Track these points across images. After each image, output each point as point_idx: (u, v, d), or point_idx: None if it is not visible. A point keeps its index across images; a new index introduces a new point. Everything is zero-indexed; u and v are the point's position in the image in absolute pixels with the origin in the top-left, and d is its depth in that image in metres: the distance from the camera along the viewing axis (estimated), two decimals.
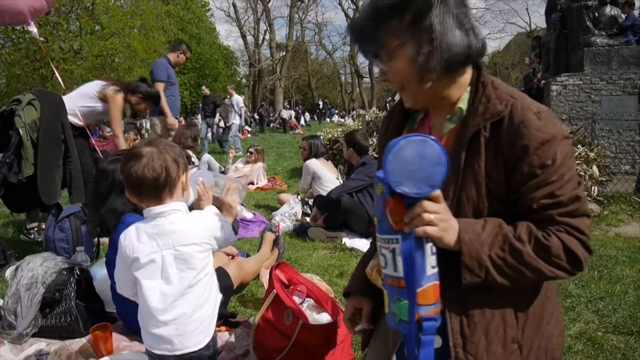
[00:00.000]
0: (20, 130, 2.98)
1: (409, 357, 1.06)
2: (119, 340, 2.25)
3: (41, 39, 3.94)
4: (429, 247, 1.03)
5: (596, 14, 8.62)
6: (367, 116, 7.09)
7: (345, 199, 4.26)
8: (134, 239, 1.46)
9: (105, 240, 3.76)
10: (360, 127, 6.93)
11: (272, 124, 23.63)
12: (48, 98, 3.19)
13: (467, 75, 1.17)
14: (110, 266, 2.33)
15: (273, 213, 5.17)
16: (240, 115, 13.43)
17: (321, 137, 5.76)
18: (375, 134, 6.62)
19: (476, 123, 1.10)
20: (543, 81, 6.80)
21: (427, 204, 1.01)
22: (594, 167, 5.65)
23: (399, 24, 1.09)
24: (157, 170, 1.42)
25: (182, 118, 24.19)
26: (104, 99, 3.82)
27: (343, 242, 4.23)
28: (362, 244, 4.19)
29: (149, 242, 1.45)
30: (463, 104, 1.16)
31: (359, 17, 1.16)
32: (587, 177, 5.55)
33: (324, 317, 2.08)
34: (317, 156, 5.27)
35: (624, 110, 7.70)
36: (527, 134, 1.04)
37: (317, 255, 3.90)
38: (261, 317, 2.14)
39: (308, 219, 4.97)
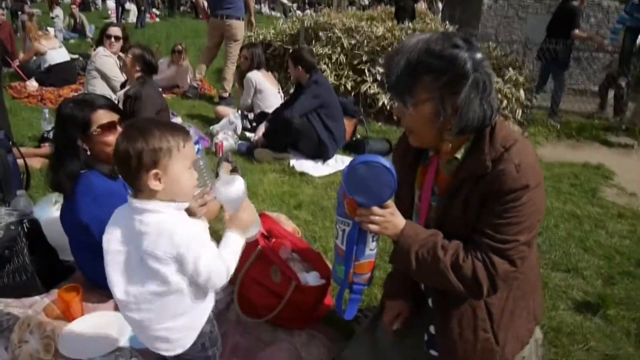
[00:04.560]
0: None
1: (336, 304, 1.51)
2: (84, 300, 2.08)
3: None
4: (370, 236, 1.36)
5: None
6: (305, 21, 6.65)
7: (296, 120, 4.10)
8: (116, 216, 1.34)
9: (34, 164, 3.36)
10: (297, 31, 6.52)
11: (182, 7, 21.53)
12: None
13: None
14: (66, 224, 2.09)
15: (211, 127, 4.87)
16: None
17: (260, 46, 5.35)
18: (313, 41, 6.30)
19: (466, 173, 1.33)
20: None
21: (375, 209, 1.30)
22: (521, 91, 5.95)
23: (432, 82, 1.24)
24: (119, 155, 1.24)
25: None
26: None
27: (291, 165, 4.17)
28: (311, 167, 4.16)
29: (121, 230, 1.30)
30: (460, 154, 1.36)
31: (399, 57, 1.27)
32: (513, 100, 5.85)
33: (314, 277, 2.07)
34: (258, 67, 4.95)
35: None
36: (503, 182, 1.25)
37: (268, 180, 3.82)
38: (246, 273, 2.08)
39: (247, 134, 4.78)
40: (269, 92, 4.98)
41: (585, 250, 3.02)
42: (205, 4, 6.12)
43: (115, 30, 4.62)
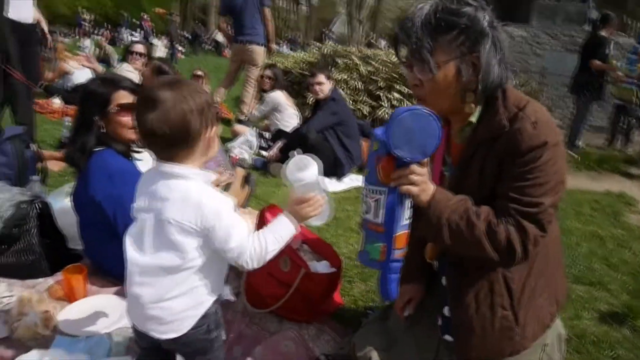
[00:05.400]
0: None
1: (381, 289, 1.37)
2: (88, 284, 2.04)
3: None
4: (408, 202, 1.26)
5: None
6: (323, 48, 6.81)
7: (312, 135, 4.11)
8: (141, 183, 1.25)
9: (52, 166, 3.39)
10: (316, 60, 6.67)
11: (204, 45, 22.29)
12: None
13: None
14: (78, 203, 2.08)
15: (228, 144, 4.91)
16: None
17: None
18: (331, 68, 6.40)
19: (481, 136, 1.29)
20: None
21: (415, 167, 1.21)
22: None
23: (452, 41, 1.22)
24: (173, 123, 1.13)
25: (107, 31, 22.16)
26: None
27: None
28: (325, 183, 4.11)
29: (143, 196, 1.21)
30: (474, 118, 1.32)
31: (415, 19, 1.23)
32: None
33: (325, 266, 2.01)
34: (281, 88, 5.05)
35: (563, 66, 8.03)
36: (520, 140, 1.20)
37: (282, 192, 3.79)
38: None
39: (264, 153, 4.80)
40: (288, 113, 5.05)
41: (609, 267, 2.89)
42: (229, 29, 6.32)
43: (139, 47, 4.75)
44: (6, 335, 1.72)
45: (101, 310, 1.84)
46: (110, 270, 2.07)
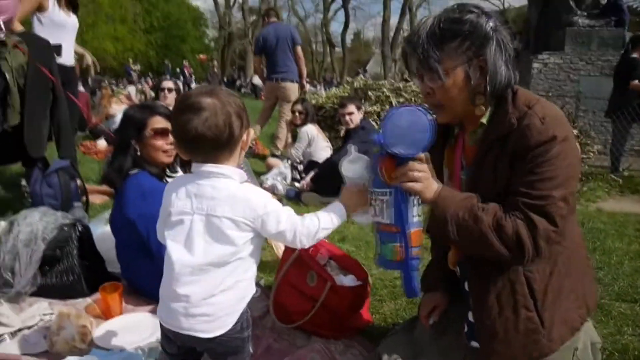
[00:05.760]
0: (6, 74, 2.71)
1: (405, 288, 1.37)
2: (124, 303, 2.12)
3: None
4: (412, 200, 1.30)
5: None
6: (355, 83, 6.97)
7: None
8: (173, 191, 1.31)
9: (94, 200, 3.57)
10: (348, 94, 6.80)
11: (242, 89, 23.13)
12: (36, 41, 2.92)
13: None
14: (115, 224, 2.20)
15: (262, 177, 5.03)
16: None
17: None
18: (363, 101, 6.51)
19: (492, 136, 1.32)
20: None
21: (413, 164, 1.27)
22: (577, 145, 5.77)
23: (457, 47, 1.27)
24: (220, 127, 1.21)
25: (149, 79, 23.40)
26: None
27: None
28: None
29: (185, 199, 1.27)
30: (485, 119, 1.36)
31: (421, 31, 1.30)
32: None
33: (351, 279, 2.02)
34: (312, 121, 5.18)
35: (600, 91, 7.86)
36: (529, 136, 1.23)
37: None
38: (282, 278, 2.06)
39: (297, 184, 4.88)
40: (321, 145, 5.16)
41: None
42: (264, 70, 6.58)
43: (168, 83, 5.00)
44: (46, 349, 1.81)
45: (135, 327, 1.91)
46: (144, 289, 2.15)
